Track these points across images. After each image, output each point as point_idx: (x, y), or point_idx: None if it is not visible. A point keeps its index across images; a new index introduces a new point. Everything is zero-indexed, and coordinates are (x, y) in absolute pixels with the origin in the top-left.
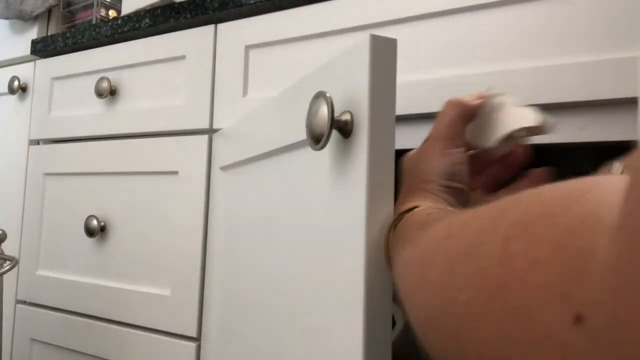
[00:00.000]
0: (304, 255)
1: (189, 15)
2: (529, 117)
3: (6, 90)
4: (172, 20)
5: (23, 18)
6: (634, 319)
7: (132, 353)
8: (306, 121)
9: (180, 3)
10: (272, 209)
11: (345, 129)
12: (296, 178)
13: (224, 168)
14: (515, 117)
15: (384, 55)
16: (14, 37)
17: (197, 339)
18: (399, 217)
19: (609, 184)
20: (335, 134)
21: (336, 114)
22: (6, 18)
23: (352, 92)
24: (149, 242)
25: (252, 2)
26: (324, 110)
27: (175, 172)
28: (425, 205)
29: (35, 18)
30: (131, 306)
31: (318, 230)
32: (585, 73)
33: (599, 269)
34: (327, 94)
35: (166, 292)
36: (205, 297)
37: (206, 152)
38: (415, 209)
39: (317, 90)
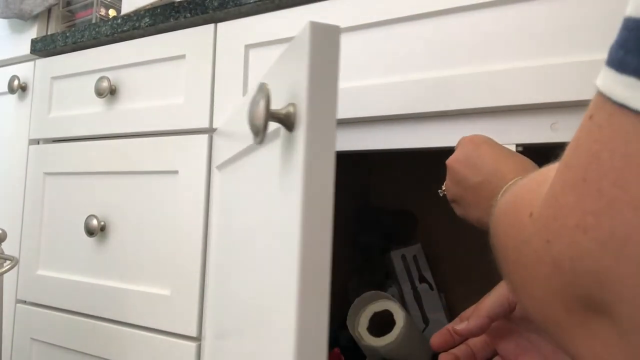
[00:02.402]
0: (258, 255)
1: (188, 15)
2: None
3: (6, 89)
4: (172, 19)
5: (23, 17)
6: (550, 212)
7: (132, 353)
8: (248, 114)
9: (180, 2)
10: (239, 208)
11: (288, 122)
12: (256, 176)
13: (219, 167)
14: None
15: (324, 43)
16: (14, 36)
17: (197, 339)
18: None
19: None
20: (279, 128)
21: (279, 107)
22: (6, 17)
23: (295, 83)
24: (149, 242)
25: (252, 1)
26: (262, 102)
27: (175, 172)
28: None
29: (35, 17)
30: (131, 306)
31: (269, 230)
32: (586, 72)
33: (542, 197)
34: (267, 85)
35: (166, 292)
36: (205, 297)
37: (206, 152)
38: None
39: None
